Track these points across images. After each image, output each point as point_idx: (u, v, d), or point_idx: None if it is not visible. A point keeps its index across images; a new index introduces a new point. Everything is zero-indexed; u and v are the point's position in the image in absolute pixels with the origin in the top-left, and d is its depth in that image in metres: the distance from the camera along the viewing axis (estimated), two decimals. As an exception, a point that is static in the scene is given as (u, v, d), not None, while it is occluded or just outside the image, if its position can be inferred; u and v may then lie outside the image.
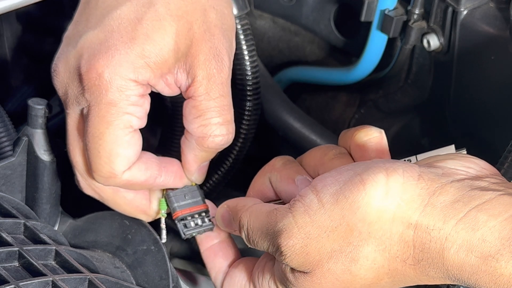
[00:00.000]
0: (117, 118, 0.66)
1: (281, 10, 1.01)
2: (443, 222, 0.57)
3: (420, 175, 0.59)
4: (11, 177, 0.72)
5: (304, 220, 0.60)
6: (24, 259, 0.61)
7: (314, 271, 0.60)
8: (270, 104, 0.96)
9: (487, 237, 0.55)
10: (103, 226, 0.74)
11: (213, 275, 0.73)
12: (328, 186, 0.60)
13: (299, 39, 1.02)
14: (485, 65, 0.82)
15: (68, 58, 0.67)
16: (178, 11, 0.67)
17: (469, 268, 0.56)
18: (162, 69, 0.67)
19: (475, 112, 0.86)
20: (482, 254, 0.55)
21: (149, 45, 0.66)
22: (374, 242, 0.58)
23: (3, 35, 0.94)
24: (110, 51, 0.65)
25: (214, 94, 0.69)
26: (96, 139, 0.67)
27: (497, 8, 0.82)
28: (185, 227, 0.73)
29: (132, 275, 0.71)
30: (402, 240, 0.58)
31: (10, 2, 0.74)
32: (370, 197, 0.58)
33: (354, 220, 0.58)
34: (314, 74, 1.01)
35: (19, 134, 0.72)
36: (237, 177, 0.94)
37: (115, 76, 0.65)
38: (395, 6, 0.88)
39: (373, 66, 0.93)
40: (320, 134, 0.95)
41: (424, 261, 0.58)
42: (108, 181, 0.69)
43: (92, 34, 0.67)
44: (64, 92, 0.69)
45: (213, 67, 0.69)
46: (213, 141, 0.70)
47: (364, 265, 0.59)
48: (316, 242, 0.60)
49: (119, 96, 0.66)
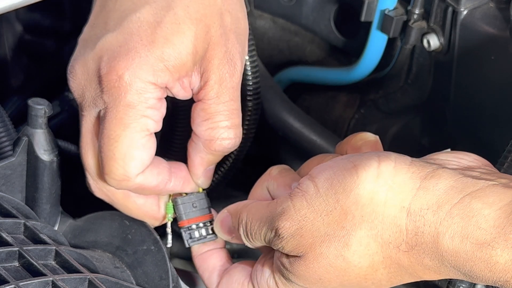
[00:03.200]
0: (135, 120, 0.67)
1: (281, 10, 1.01)
2: (437, 206, 0.57)
3: (412, 162, 0.60)
4: (11, 177, 0.72)
5: (301, 204, 0.62)
6: (24, 259, 0.61)
7: (307, 254, 0.61)
8: (270, 104, 0.96)
9: (482, 224, 0.56)
10: (103, 226, 0.74)
11: (206, 276, 0.73)
12: (323, 172, 0.62)
13: (299, 39, 1.02)
14: (485, 65, 0.82)
15: (86, 60, 0.67)
16: (196, 14, 0.67)
17: (464, 255, 0.56)
18: (180, 73, 0.68)
19: (475, 112, 0.86)
20: (477, 241, 0.56)
21: (169, 48, 0.66)
22: (367, 226, 0.59)
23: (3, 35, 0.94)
24: (130, 54, 0.66)
25: (224, 98, 0.70)
26: (112, 141, 0.67)
27: (497, 8, 0.82)
28: (190, 237, 0.74)
29: (132, 275, 0.71)
30: (395, 224, 0.59)
31: (10, 2, 0.74)
32: (362, 180, 0.60)
33: (347, 204, 0.60)
34: (314, 74, 1.01)
35: (19, 134, 0.72)
36: (237, 177, 0.94)
37: (135, 78, 0.66)
38: (395, 6, 0.88)
39: (373, 66, 0.93)
40: (320, 134, 0.95)
41: (418, 247, 0.58)
42: (120, 184, 0.69)
43: (111, 37, 0.67)
44: (80, 94, 0.69)
45: (226, 72, 0.69)
46: (221, 144, 0.71)
47: (357, 251, 0.60)
48: (311, 225, 0.61)
49: (138, 99, 0.66)
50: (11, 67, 0.96)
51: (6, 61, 0.96)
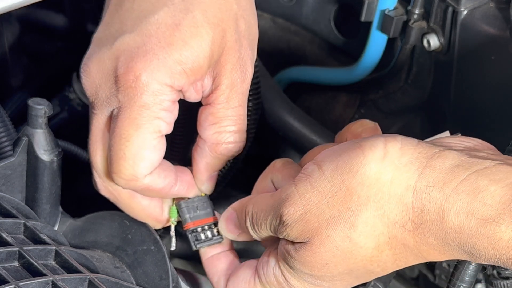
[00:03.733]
0: (148, 121, 0.67)
1: (281, 10, 1.01)
2: (443, 183, 0.57)
3: (419, 143, 0.61)
4: (11, 177, 0.72)
5: (306, 188, 0.62)
6: (24, 259, 0.61)
7: (313, 239, 0.61)
8: (270, 104, 0.96)
9: (488, 200, 0.56)
10: (103, 226, 0.74)
11: (215, 280, 0.74)
12: (328, 156, 0.62)
13: (299, 39, 1.02)
14: (485, 65, 0.82)
15: (102, 59, 0.67)
16: (214, 19, 0.67)
17: (468, 231, 0.56)
18: (196, 76, 0.68)
19: (475, 112, 0.86)
20: (482, 217, 0.56)
21: (187, 51, 0.66)
22: (373, 206, 0.59)
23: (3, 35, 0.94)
24: (148, 55, 0.66)
25: (234, 104, 0.70)
26: (123, 140, 0.67)
27: (497, 8, 0.82)
28: (196, 240, 0.74)
29: (132, 275, 0.71)
30: (401, 202, 0.59)
31: (10, 2, 0.74)
32: (368, 160, 0.60)
33: (353, 184, 0.60)
34: (314, 74, 1.01)
35: (19, 134, 0.72)
36: (237, 177, 0.94)
37: (152, 80, 0.66)
38: (395, 6, 0.88)
39: (373, 66, 0.93)
40: (320, 134, 0.95)
41: (423, 225, 0.58)
42: (128, 184, 0.69)
43: (129, 37, 0.66)
44: (93, 93, 0.69)
45: (237, 77, 0.70)
46: (226, 148, 0.71)
47: (363, 232, 0.60)
48: (316, 209, 0.61)
49: (153, 100, 0.66)
50: (11, 67, 0.96)
51: (6, 61, 0.96)
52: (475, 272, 0.64)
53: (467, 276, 0.64)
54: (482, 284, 0.85)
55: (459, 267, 0.64)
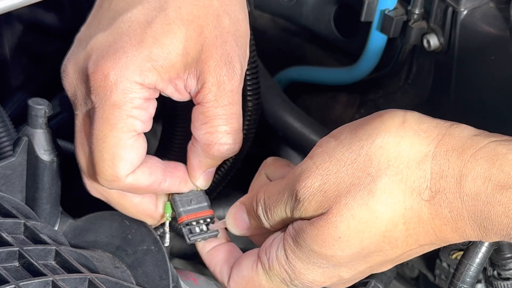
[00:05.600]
0: (121, 121, 0.66)
1: (281, 10, 1.01)
2: (462, 149, 0.58)
3: (436, 119, 0.61)
4: (11, 177, 0.72)
5: (323, 159, 0.61)
6: (24, 259, 0.61)
7: (331, 208, 0.60)
8: (270, 104, 0.96)
9: (505, 168, 0.56)
10: (103, 226, 0.74)
11: (218, 270, 0.72)
12: (344, 128, 0.62)
13: (299, 39, 1.02)
14: (485, 65, 0.82)
15: (78, 59, 0.67)
16: (189, 16, 0.67)
17: (484, 198, 0.57)
18: (169, 73, 0.67)
19: (475, 112, 0.86)
20: (499, 183, 0.56)
21: (157, 48, 0.66)
22: (392, 171, 0.59)
23: (3, 35, 0.94)
24: (117, 53, 0.65)
25: (223, 102, 0.69)
26: (100, 142, 0.67)
27: (497, 8, 0.82)
28: (190, 232, 0.74)
29: (132, 275, 0.71)
30: (420, 168, 0.58)
31: (10, 2, 0.74)
32: (388, 125, 0.60)
33: (373, 149, 0.59)
34: (314, 74, 1.01)
35: (19, 134, 0.72)
36: (237, 177, 0.94)
37: (121, 78, 0.65)
38: (395, 6, 0.88)
39: (373, 66, 0.93)
40: (320, 134, 0.95)
41: (440, 194, 0.58)
42: (111, 185, 0.69)
43: (102, 36, 0.67)
44: (73, 93, 0.69)
45: (223, 74, 0.68)
46: (219, 150, 0.70)
47: (381, 199, 0.59)
48: (334, 178, 0.60)
49: (124, 99, 0.66)
50: (11, 67, 0.96)
51: (6, 61, 0.96)
52: (476, 273, 0.64)
53: (468, 277, 0.64)
54: (482, 284, 0.85)
55: (460, 268, 0.64)
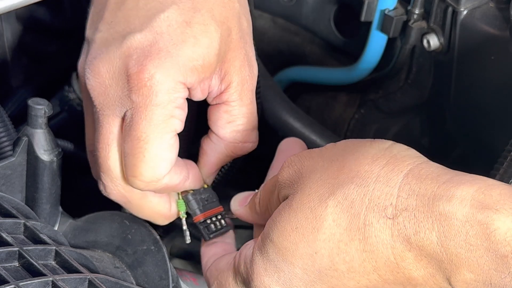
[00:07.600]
0: (164, 121, 0.66)
1: (281, 10, 1.01)
2: (437, 175, 0.56)
3: None
4: (11, 177, 0.72)
5: (313, 150, 0.64)
6: (24, 259, 0.61)
7: (296, 193, 0.61)
8: (270, 104, 0.96)
9: (485, 190, 0.53)
10: (103, 226, 0.74)
11: (205, 260, 0.73)
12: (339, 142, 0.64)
13: (299, 39, 1.02)
14: (485, 65, 0.82)
15: (112, 59, 0.66)
16: (220, 17, 0.68)
17: (462, 217, 0.53)
18: (206, 73, 0.68)
19: (475, 112, 0.86)
20: (480, 203, 0.52)
21: (198, 48, 0.66)
22: (359, 182, 0.57)
23: (3, 35, 0.94)
24: (161, 53, 0.65)
25: (246, 100, 0.71)
26: (142, 143, 0.66)
27: (497, 8, 0.82)
28: (208, 230, 0.75)
29: (132, 275, 0.71)
30: (388, 184, 0.56)
31: (10, 2, 0.74)
32: (374, 145, 0.60)
33: (350, 158, 0.60)
34: (314, 74, 1.01)
35: (19, 134, 0.72)
36: (237, 177, 0.94)
37: (167, 78, 0.65)
38: (395, 6, 0.88)
39: (373, 66, 0.93)
40: (320, 134, 0.95)
41: (406, 212, 0.55)
42: (148, 186, 0.68)
43: (140, 35, 0.66)
44: (102, 93, 0.67)
45: (246, 74, 0.70)
46: (244, 147, 0.72)
47: (340, 204, 0.58)
48: (312, 165, 0.62)
49: (168, 99, 0.66)
50: (11, 67, 0.96)
51: (6, 61, 0.96)
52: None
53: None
54: None
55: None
